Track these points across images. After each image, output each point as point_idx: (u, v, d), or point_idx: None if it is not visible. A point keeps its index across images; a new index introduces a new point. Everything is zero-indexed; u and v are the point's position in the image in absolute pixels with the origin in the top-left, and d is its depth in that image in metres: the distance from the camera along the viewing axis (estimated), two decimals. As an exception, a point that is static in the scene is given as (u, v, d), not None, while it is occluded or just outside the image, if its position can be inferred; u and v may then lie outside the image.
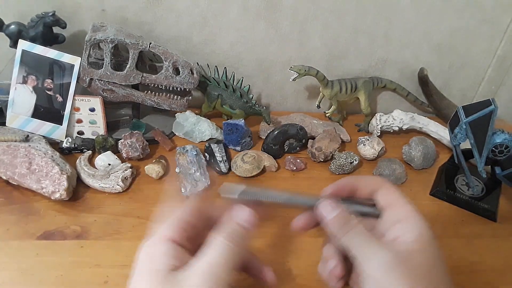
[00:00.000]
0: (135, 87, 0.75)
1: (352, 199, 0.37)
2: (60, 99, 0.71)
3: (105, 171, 0.65)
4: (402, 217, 0.32)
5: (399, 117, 0.87)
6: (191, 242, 0.32)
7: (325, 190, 0.37)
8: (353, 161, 0.73)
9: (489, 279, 0.55)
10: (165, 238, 0.31)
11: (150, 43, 0.71)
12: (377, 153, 0.78)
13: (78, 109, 0.73)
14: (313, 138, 0.80)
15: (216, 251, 0.30)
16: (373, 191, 0.36)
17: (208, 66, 0.86)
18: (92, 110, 0.73)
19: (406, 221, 0.32)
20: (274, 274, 0.35)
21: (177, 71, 0.74)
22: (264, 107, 0.82)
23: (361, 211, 0.36)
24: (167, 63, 0.72)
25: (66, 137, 0.72)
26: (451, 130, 0.66)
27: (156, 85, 0.75)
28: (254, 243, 0.57)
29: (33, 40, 0.71)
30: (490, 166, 0.70)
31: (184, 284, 0.28)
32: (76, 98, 0.71)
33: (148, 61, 0.80)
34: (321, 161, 0.76)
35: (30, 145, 0.65)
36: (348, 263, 0.36)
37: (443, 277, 0.30)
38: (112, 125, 0.77)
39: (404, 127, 0.87)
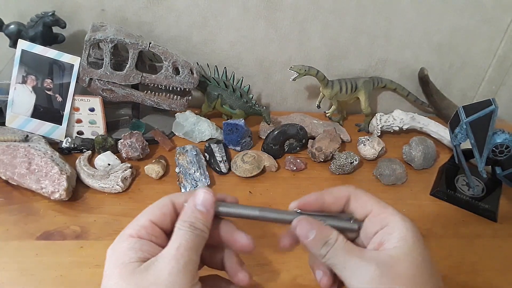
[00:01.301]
0: (135, 87, 0.75)
1: (327, 213, 0.34)
2: (59, 99, 0.71)
3: (105, 171, 0.65)
4: (384, 223, 0.31)
5: (400, 117, 0.87)
6: (163, 239, 0.32)
7: (291, 206, 0.35)
8: (353, 161, 0.73)
9: (490, 279, 0.55)
10: (129, 235, 0.31)
11: (150, 43, 0.71)
12: (377, 153, 0.78)
13: (77, 109, 0.73)
14: (313, 138, 0.80)
15: (180, 237, 0.30)
16: (344, 204, 0.34)
17: (208, 66, 0.86)
18: (92, 110, 0.73)
19: (388, 226, 0.31)
20: (248, 275, 0.34)
21: (177, 71, 0.74)
22: (264, 107, 0.82)
23: (338, 227, 0.33)
24: (167, 63, 0.72)
25: (65, 137, 0.72)
26: (452, 130, 0.66)
27: (156, 85, 0.75)
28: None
29: (32, 40, 0.71)
30: (490, 166, 0.70)
31: (153, 269, 0.28)
32: (75, 98, 0.71)
33: (148, 61, 0.80)
34: (321, 161, 0.76)
35: (29, 145, 0.65)
36: None
37: (430, 279, 0.29)
38: (111, 125, 0.77)
39: (405, 127, 0.87)
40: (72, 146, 0.71)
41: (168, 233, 0.33)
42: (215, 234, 0.34)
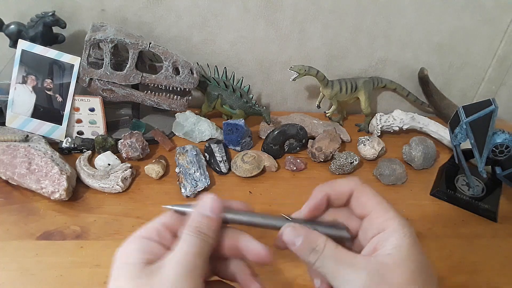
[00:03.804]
0: (135, 87, 0.75)
1: (319, 221, 0.34)
2: (59, 99, 0.71)
3: (105, 171, 0.65)
4: (381, 227, 0.31)
5: (400, 117, 0.87)
6: (172, 242, 0.32)
7: (303, 210, 0.34)
8: (353, 161, 0.73)
9: (490, 279, 0.55)
10: (138, 236, 0.31)
11: (150, 43, 0.71)
12: (377, 153, 0.78)
13: (77, 109, 0.73)
14: (313, 138, 0.80)
15: (187, 243, 0.30)
16: (349, 197, 0.34)
17: (208, 66, 0.86)
18: (92, 110, 0.73)
19: (385, 231, 0.30)
20: (261, 286, 0.33)
21: (177, 71, 0.74)
22: (264, 107, 0.82)
23: (330, 235, 0.33)
24: (167, 63, 0.72)
25: (65, 137, 0.72)
26: (452, 130, 0.66)
27: (156, 85, 0.75)
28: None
29: (32, 40, 0.71)
30: (490, 166, 0.70)
31: (159, 273, 0.28)
32: (75, 98, 0.71)
33: (148, 61, 0.80)
34: (321, 161, 0.76)
35: (29, 145, 0.65)
36: None
37: (424, 286, 0.28)
38: (111, 125, 0.77)
39: (405, 127, 0.87)
40: (72, 146, 0.71)
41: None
42: (228, 244, 0.34)
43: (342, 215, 0.35)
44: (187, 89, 0.75)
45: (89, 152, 0.71)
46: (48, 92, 0.70)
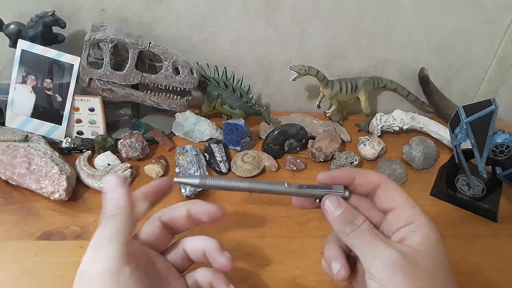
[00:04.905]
0: (135, 87, 0.75)
1: (316, 185, 0.35)
2: (59, 99, 0.71)
3: (105, 171, 0.65)
4: (408, 220, 0.32)
5: (400, 117, 0.87)
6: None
7: (320, 177, 0.36)
8: (353, 161, 0.73)
9: (490, 279, 0.55)
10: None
11: (150, 43, 0.71)
12: (377, 153, 0.78)
13: (77, 109, 0.72)
14: (313, 138, 0.80)
15: (101, 229, 0.31)
16: (373, 189, 0.35)
17: (208, 66, 0.86)
18: (92, 110, 0.73)
19: (412, 224, 0.32)
20: (228, 258, 0.35)
21: (177, 71, 0.74)
22: (264, 107, 0.82)
23: (329, 193, 0.35)
24: (166, 62, 0.72)
25: (65, 137, 0.72)
26: (452, 130, 0.66)
27: (155, 85, 0.75)
28: (254, 243, 0.57)
29: (32, 39, 0.71)
30: (490, 166, 0.70)
31: (83, 261, 0.30)
32: (75, 98, 0.71)
33: (147, 61, 0.80)
34: (321, 161, 0.76)
35: (29, 145, 0.65)
36: (351, 262, 0.36)
37: (448, 280, 0.30)
38: (111, 125, 0.77)
39: (405, 127, 0.87)
40: (72, 146, 0.71)
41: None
42: (180, 216, 0.36)
43: (362, 204, 0.36)
44: (187, 89, 0.75)
45: (89, 152, 0.71)
46: (48, 92, 0.70)
